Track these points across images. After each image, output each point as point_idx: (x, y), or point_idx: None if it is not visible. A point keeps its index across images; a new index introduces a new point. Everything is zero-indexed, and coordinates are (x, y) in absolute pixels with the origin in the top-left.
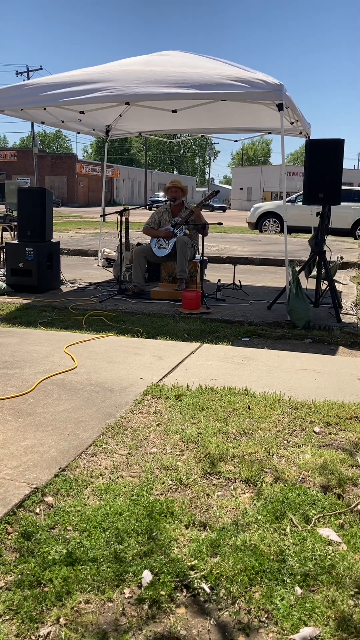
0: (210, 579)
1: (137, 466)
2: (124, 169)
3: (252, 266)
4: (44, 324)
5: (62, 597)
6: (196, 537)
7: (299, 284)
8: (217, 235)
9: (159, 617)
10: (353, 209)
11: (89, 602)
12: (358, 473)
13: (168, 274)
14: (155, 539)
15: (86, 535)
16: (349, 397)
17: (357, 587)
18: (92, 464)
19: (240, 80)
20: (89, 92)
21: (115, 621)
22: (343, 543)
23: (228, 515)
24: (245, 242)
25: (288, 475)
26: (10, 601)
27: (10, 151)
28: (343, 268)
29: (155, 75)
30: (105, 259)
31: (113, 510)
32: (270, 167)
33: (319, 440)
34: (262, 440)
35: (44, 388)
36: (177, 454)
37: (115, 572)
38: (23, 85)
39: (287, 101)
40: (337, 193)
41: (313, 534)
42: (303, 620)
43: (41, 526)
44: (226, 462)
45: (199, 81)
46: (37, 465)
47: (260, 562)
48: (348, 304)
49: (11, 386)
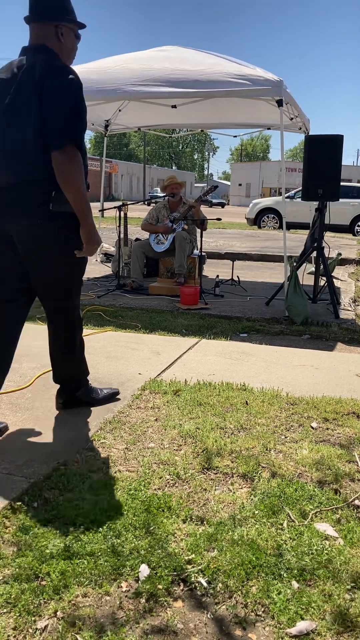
0: (208, 573)
1: (134, 461)
2: (123, 164)
3: (250, 262)
4: (42, 319)
5: (60, 591)
6: (193, 531)
7: (297, 280)
8: (216, 231)
9: (156, 611)
10: (352, 205)
11: (87, 596)
12: (355, 468)
13: (166, 270)
14: (153, 533)
15: (84, 529)
16: (346, 393)
17: (353, 582)
18: (90, 459)
19: (241, 77)
20: (88, 91)
21: (113, 615)
22: (340, 538)
23: (225, 510)
24: (243, 238)
25: (285, 470)
26: (8, 594)
27: None
28: (341, 264)
29: (155, 73)
30: (103, 254)
31: (111, 504)
32: (269, 163)
33: (316, 435)
34: (260, 435)
35: (42, 383)
36: (174, 448)
37: (113, 566)
38: None
39: (286, 97)
40: (336, 189)
41: (310, 528)
42: (300, 614)
43: (39, 520)
44: (224, 457)
45: (199, 79)
46: (35, 459)
47: (257, 557)
48: (346, 300)
49: (9, 381)
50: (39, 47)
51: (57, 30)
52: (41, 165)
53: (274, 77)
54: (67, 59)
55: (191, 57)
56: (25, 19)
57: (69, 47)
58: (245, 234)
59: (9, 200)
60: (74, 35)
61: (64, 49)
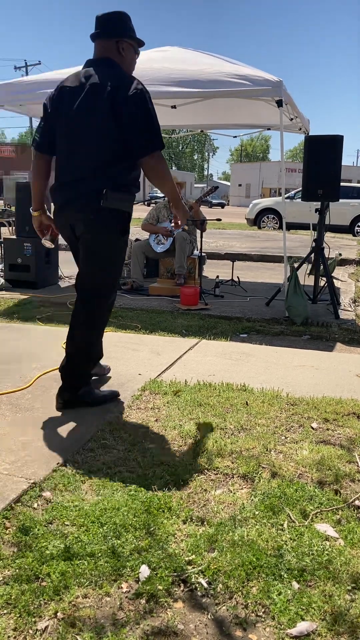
0: (208, 574)
1: (134, 462)
2: None
3: (250, 262)
4: (42, 320)
5: (60, 592)
6: (194, 532)
7: (297, 280)
8: (216, 231)
9: (157, 612)
10: (352, 205)
11: (87, 597)
12: (355, 469)
13: (166, 270)
14: (153, 534)
15: (84, 530)
16: (346, 394)
17: (353, 582)
18: (90, 459)
19: (240, 77)
20: None
21: (113, 615)
22: (340, 538)
23: (226, 511)
24: (243, 238)
25: (286, 470)
26: (8, 595)
27: (8, 147)
28: (341, 265)
29: (155, 73)
30: None
31: (111, 505)
32: (269, 164)
33: (316, 436)
34: (260, 436)
35: (42, 383)
36: (175, 449)
37: (113, 566)
38: (22, 81)
39: (286, 98)
40: (336, 189)
41: (310, 529)
42: (300, 615)
43: (39, 521)
44: (224, 458)
45: (199, 79)
46: (35, 460)
47: (258, 557)
48: (346, 301)
49: (9, 381)
50: (104, 60)
51: (119, 45)
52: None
53: (274, 78)
54: (127, 71)
55: (191, 58)
56: (91, 36)
57: (128, 61)
58: (245, 234)
59: (69, 195)
60: (134, 50)
61: (125, 62)
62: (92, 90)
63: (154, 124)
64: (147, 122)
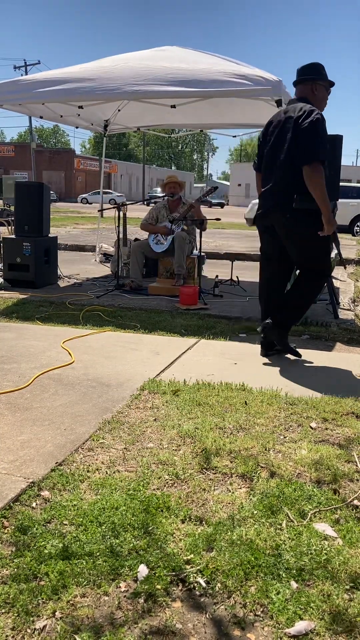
0: (206, 573)
1: (133, 461)
2: (122, 164)
3: (249, 262)
4: (41, 319)
5: (58, 591)
6: (192, 531)
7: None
8: (215, 231)
9: (155, 611)
10: (351, 205)
11: (85, 596)
12: (354, 468)
13: (166, 270)
14: (152, 533)
15: (82, 529)
16: (345, 393)
17: (352, 582)
18: (89, 459)
19: (240, 76)
20: (88, 90)
21: (111, 615)
22: (339, 538)
23: (224, 510)
24: (243, 238)
25: (284, 470)
26: (6, 595)
27: (7, 146)
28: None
29: (154, 72)
30: (102, 255)
31: (109, 504)
32: None
33: (315, 435)
34: (259, 435)
35: (41, 383)
36: (173, 449)
37: (111, 566)
38: (21, 81)
39: (285, 97)
40: (335, 189)
41: (309, 528)
42: (298, 614)
43: (37, 520)
44: (223, 457)
45: (199, 78)
46: (34, 459)
47: (256, 557)
48: (345, 301)
49: (8, 381)
50: (300, 99)
51: (313, 87)
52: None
53: (273, 77)
54: (319, 106)
55: (191, 57)
56: (294, 83)
57: (319, 98)
58: (244, 234)
59: (271, 201)
60: (325, 89)
61: (316, 99)
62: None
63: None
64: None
